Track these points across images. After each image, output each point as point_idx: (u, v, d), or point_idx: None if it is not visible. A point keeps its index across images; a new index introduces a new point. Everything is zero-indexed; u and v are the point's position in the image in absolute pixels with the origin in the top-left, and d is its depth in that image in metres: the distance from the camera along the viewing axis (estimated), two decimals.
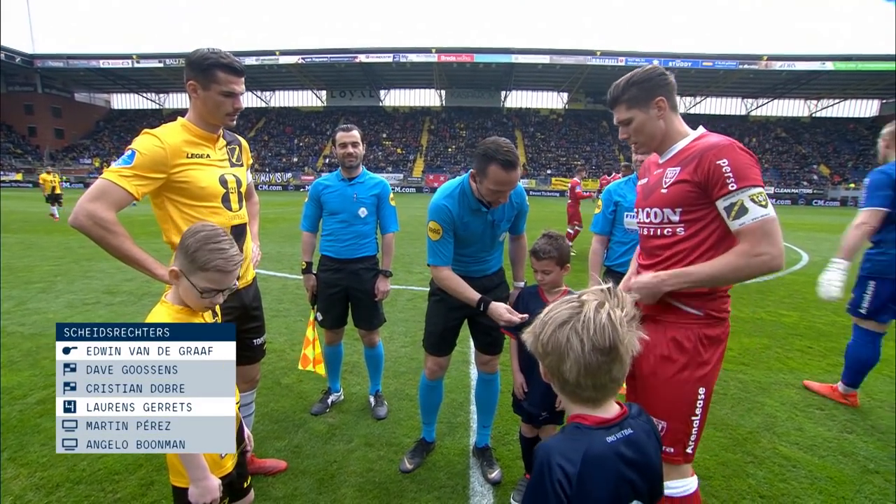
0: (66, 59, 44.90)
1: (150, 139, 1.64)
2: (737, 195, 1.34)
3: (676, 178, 1.47)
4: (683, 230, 1.48)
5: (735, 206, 1.35)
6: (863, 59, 39.51)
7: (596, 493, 0.86)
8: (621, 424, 0.92)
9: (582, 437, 0.90)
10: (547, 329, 0.91)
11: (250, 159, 2.13)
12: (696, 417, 1.50)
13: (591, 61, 41.88)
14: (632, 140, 1.59)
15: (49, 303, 5.19)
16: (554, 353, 0.90)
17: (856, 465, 2.50)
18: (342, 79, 50.82)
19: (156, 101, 56.64)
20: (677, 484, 1.53)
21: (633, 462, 0.90)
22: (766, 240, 1.33)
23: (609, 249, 2.74)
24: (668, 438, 1.51)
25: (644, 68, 1.54)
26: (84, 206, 1.52)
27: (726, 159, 1.35)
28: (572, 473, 0.85)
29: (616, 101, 1.57)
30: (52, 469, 2.28)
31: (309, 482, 2.26)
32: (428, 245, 2.10)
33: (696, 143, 1.46)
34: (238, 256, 1.33)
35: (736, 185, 1.33)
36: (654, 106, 1.51)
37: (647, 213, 1.60)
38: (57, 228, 11.65)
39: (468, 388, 3.34)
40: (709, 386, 1.50)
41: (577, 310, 0.90)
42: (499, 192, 1.94)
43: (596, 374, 0.88)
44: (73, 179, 40.75)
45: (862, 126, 48.23)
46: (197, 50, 1.72)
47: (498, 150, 1.85)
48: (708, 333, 1.49)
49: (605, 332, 0.86)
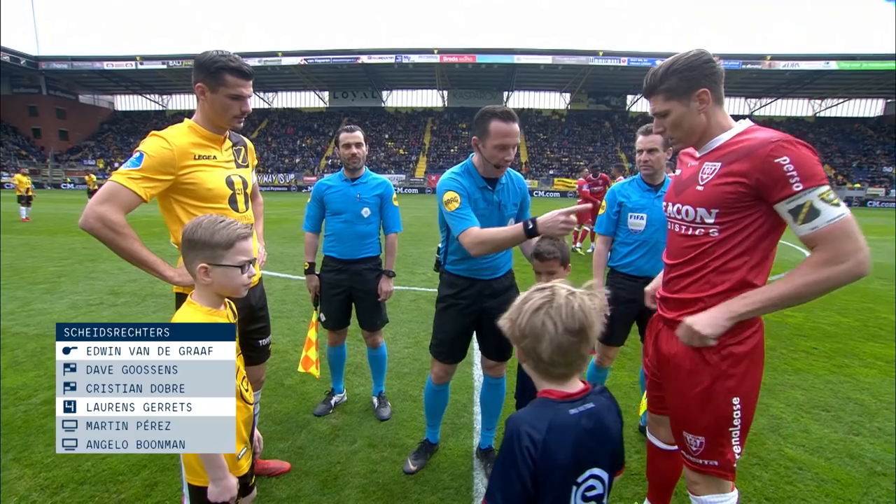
0: (70, 61, 45.14)
1: (158, 141, 1.65)
2: (804, 196, 1.19)
3: (717, 176, 1.32)
4: (717, 232, 1.35)
5: (803, 209, 1.19)
6: (867, 58, 39.25)
7: (558, 457, 0.98)
8: (584, 399, 1.05)
9: (548, 409, 1.02)
10: (524, 315, 1.01)
11: (255, 160, 2.14)
12: (734, 428, 1.39)
13: (594, 61, 41.75)
14: (667, 134, 1.45)
15: (53, 303, 5.21)
16: (531, 335, 1.01)
17: (862, 468, 2.48)
18: (344, 80, 50.87)
19: (159, 102, 56.87)
20: (713, 499, 1.46)
21: (592, 432, 1.02)
22: (848, 242, 1.18)
23: (613, 250, 2.72)
24: (709, 452, 1.42)
25: (688, 53, 1.37)
26: (93, 208, 1.53)
27: (787, 157, 1.19)
28: (538, 440, 0.97)
29: (653, 90, 1.41)
30: (57, 469, 2.28)
31: (312, 483, 2.26)
32: (450, 218, 2.00)
33: (743, 138, 1.31)
34: (242, 222, 1.38)
35: (802, 185, 1.18)
36: (697, 98, 1.35)
37: (677, 209, 1.46)
38: (61, 229, 11.70)
39: (471, 389, 3.33)
40: (745, 395, 1.38)
41: (550, 297, 1.01)
42: (503, 148, 1.95)
43: (567, 352, 1.00)
44: (76, 181, 41.02)
45: (866, 126, 47.96)
46: (205, 52, 1.72)
47: (494, 107, 1.98)
48: (731, 344, 1.36)
49: (575, 316, 0.98)
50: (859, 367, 3.87)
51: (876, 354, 4.18)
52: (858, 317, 5.34)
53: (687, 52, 1.38)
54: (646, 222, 2.54)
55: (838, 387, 3.49)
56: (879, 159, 43.22)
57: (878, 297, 6.30)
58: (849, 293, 6.46)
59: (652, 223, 2.53)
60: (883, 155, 43.66)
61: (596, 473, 1.04)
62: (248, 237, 1.33)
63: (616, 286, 2.63)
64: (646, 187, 2.59)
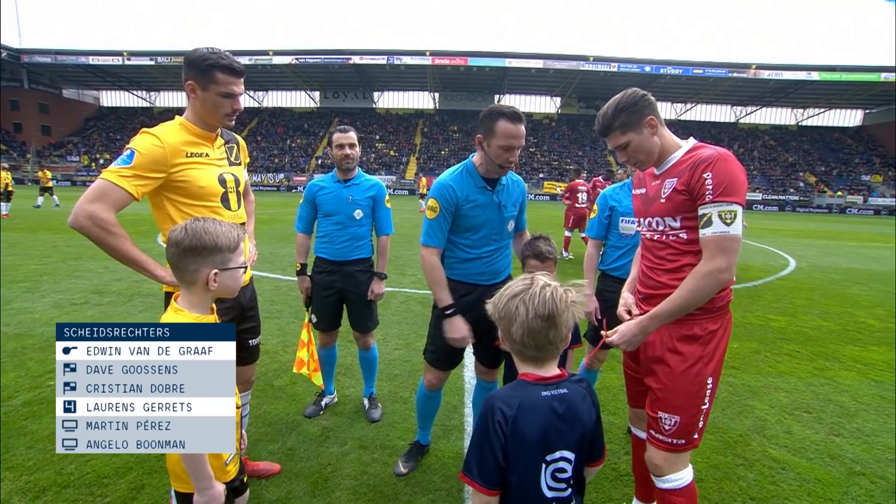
0: (54, 55, 44.12)
1: (149, 138, 1.63)
2: (709, 207, 1.44)
3: (674, 189, 1.55)
4: (686, 234, 1.56)
5: (704, 217, 1.46)
6: (847, 69, 40.41)
7: (527, 433, 1.07)
8: (558, 385, 1.13)
9: (522, 389, 1.12)
10: (502, 299, 1.14)
11: (248, 158, 2.12)
12: (704, 406, 1.57)
13: (584, 66, 42.26)
14: (632, 161, 1.66)
15: (35, 302, 5.09)
16: (506, 317, 1.12)
17: (843, 468, 2.55)
18: (336, 80, 50.64)
19: (146, 99, 55.89)
20: (675, 476, 1.61)
21: (563, 416, 1.10)
22: (720, 255, 1.43)
23: (604, 254, 2.76)
24: (680, 431, 1.57)
25: (625, 94, 1.62)
26: (84, 207, 1.50)
27: (710, 173, 1.44)
28: (509, 416, 1.07)
29: (609, 129, 1.63)
30: (39, 473, 2.23)
31: (303, 485, 2.24)
32: (424, 225, 2.08)
33: (690, 155, 1.55)
34: (234, 221, 1.41)
35: (711, 197, 1.43)
36: (647, 125, 1.58)
37: (648, 222, 1.68)
38: (42, 226, 11.43)
39: (462, 390, 3.34)
40: (716, 375, 1.58)
41: (528, 285, 1.11)
42: (509, 150, 1.95)
43: (536, 336, 1.08)
44: (59, 177, 40.07)
45: (846, 135, 49.30)
46: (196, 49, 1.70)
47: (502, 107, 1.96)
48: (711, 327, 1.56)
49: (545, 303, 1.07)
50: (839, 370, 3.98)
51: (855, 357, 4.30)
52: (839, 321, 5.48)
53: (624, 93, 1.62)
54: (637, 226, 2.58)
55: (819, 389, 3.58)
56: (858, 168, 44.47)
57: (856, 302, 6.48)
58: (829, 297, 6.64)
59: None
60: (861, 164, 44.93)
61: (566, 456, 1.11)
62: (235, 234, 1.34)
63: (607, 289, 2.67)
64: None
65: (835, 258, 10.54)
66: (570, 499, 1.13)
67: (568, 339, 1.15)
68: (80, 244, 8.96)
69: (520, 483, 1.09)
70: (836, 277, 8.21)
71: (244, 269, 1.34)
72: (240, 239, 1.31)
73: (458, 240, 2.16)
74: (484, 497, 1.10)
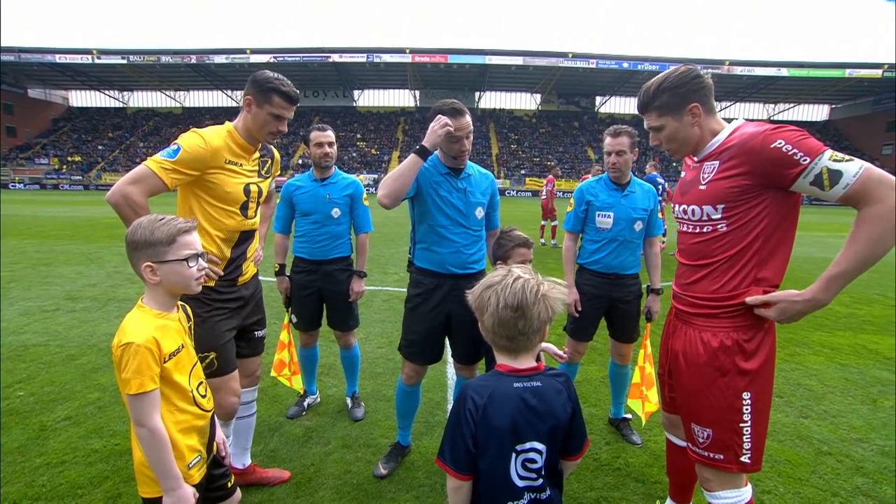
0: (17, 53, 42.23)
1: (196, 139, 1.78)
2: (816, 164, 1.22)
3: (717, 172, 1.39)
4: (725, 226, 1.40)
5: (823, 176, 1.22)
6: (814, 66, 41.81)
7: (496, 422, 1.10)
8: (531, 377, 1.15)
9: (494, 379, 1.16)
10: (478, 289, 1.17)
11: (278, 171, 2.24)
12: (745, 425, 1.40)
13: (564, 63, 42.64)
14: (663, 146, 1.51)
15: (2, 311, 4.90)
16: (479, 307, 1.16)
17: (811, 448, 2.65)
18: (315, 79, 49.93)
19: (119, 99, 54.14)
20: (727, 494, 1.47)
21: (534, 408, 1.12)
22: (884, 185, 1.19)
23: (581, 248, 2.80)
24: (716, 446, 1.44)
25: (677, 70, 1.43)
26: (123, 186, 1.63)
27: (780, 139, 1.25)
28: (480, 404, 1.11)
29: (647, 107, 1.48)
30: (9, 486, 2.17)
31: (286, 486, 2.23)
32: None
33: (735, 136, 1.38)
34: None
35: (808, 157, 1.23)
36: (688, 113, 1.42)
37: (683, 209, 1.52)
38: (10, 232, 10.98)
39: (445, 387, 3.36)
40: (756, 392, 1.40)
41: (503, 277, 1.14)
42: (456, 140, 2.10)
43: (506, 325, 1.11)
44: (27, 181, 38.57)
45: (814, 129, 50.96)
46: (263, 71, 1.90)
47: (442, 104, 2.10)
48: (743, 341, 1.40)
49: (515, 294, 1.09)
50: (808, 355, 4.13)
51: (822, 343, 4.47)
52: None
53: (676, 69, 1.44)
54: (613, 220, 2.62)
55: (790, 374, 3.71)
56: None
57: None
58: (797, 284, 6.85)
59: (619, 221, 2.62)
60: None
61: (536, 447, 1.12)
62: (190, 231, 1.32)
63: (584, 283, 2.71)
64: (613, 187, 2.68)
65: (805, 248, 10.90)
66: (542, 488, 1.14)
67: (544, 332, 1.15)
68: (51, 249, 8.65)
69: (490, 470, 1.12)
70: (807, 267, 8.50)
71: (189, 263, 1.29)
72: (179, 231, 1.28)
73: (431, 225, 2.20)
74: (456, 481, 1.13)
